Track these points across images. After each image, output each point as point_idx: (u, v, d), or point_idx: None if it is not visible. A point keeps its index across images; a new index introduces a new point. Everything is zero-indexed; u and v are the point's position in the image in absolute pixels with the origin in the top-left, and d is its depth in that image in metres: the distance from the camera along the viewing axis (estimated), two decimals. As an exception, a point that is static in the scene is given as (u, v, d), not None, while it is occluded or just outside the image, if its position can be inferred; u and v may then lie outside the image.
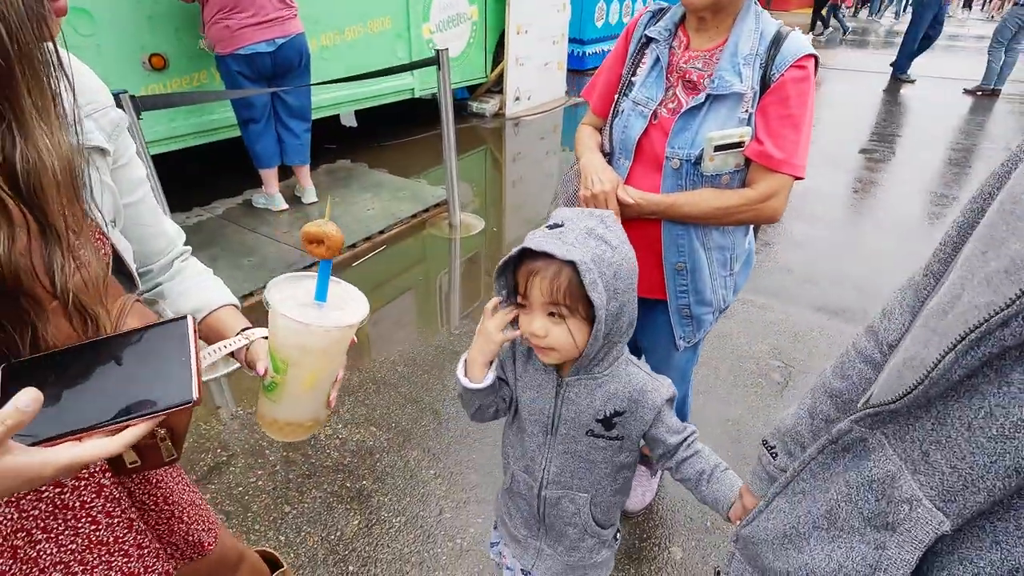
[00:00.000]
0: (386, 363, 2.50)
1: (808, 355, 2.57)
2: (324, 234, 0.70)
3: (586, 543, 1.12)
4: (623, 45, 1.39)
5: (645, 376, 0.99)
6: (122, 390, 0.54)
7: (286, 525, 1.78)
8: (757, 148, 1.18)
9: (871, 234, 3.83)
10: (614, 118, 1.35)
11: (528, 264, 0.90)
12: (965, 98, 7.35)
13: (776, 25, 1.20)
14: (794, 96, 1.16)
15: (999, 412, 0.45)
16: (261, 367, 0.73)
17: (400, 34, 4.60)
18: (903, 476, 0.52)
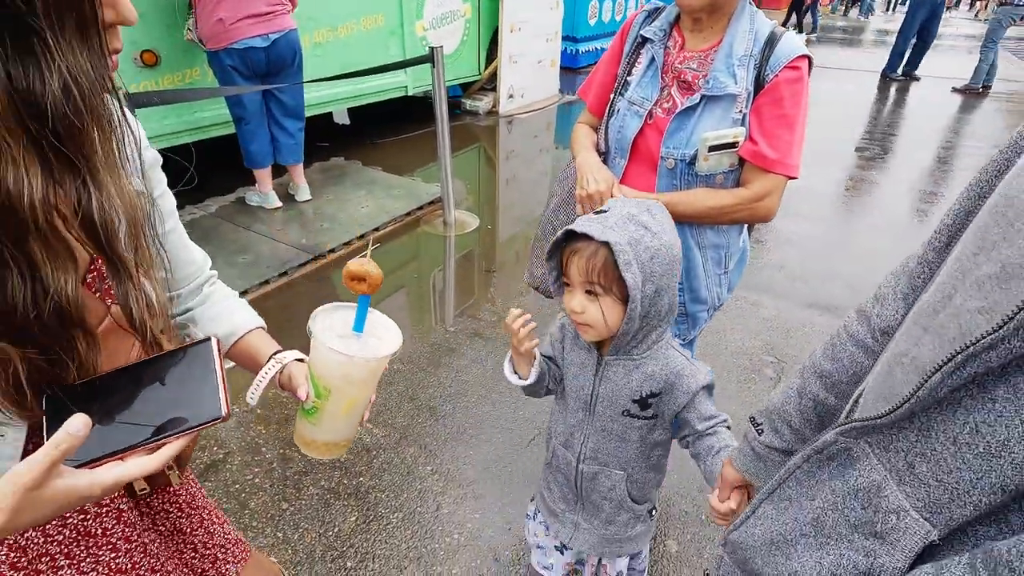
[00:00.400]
0: (382, 360, 2.50)
1: (800, 351, 2.60)
2: (366, 273, 0.77)
3: (621, 517, 1.17)
4: (619, 44, 1.40)
5: (684, 361, 1.04)
6: (157, 410, 0.57)
7: (284, 522, 1.78)
8: (751, 148, 1.19)
9: (862, 232, 3.87)
10: (610, 117, 1.35)
11: (571, 245, 0.98)
12: (954, 97, 7.43)
13: (770, 26, 1.21)
14: (788, 97, 1.17)
15: (984, 429, 0.45)
16: (302, 393, 0.77)
17: (393, 31, 4.59)
18: (889, 486, 0.53)
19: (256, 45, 3.05)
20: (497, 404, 2.27)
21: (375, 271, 0.77)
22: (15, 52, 0.44)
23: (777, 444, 0.81)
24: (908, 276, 0.68)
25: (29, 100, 0.45)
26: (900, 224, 3.97)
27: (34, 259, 0.49)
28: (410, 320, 2.84)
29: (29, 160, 0.46)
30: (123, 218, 0.55)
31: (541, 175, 4.59)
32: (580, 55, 7.65)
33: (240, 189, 3.90)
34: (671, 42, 1.29)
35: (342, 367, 0.75)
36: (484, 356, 2.53)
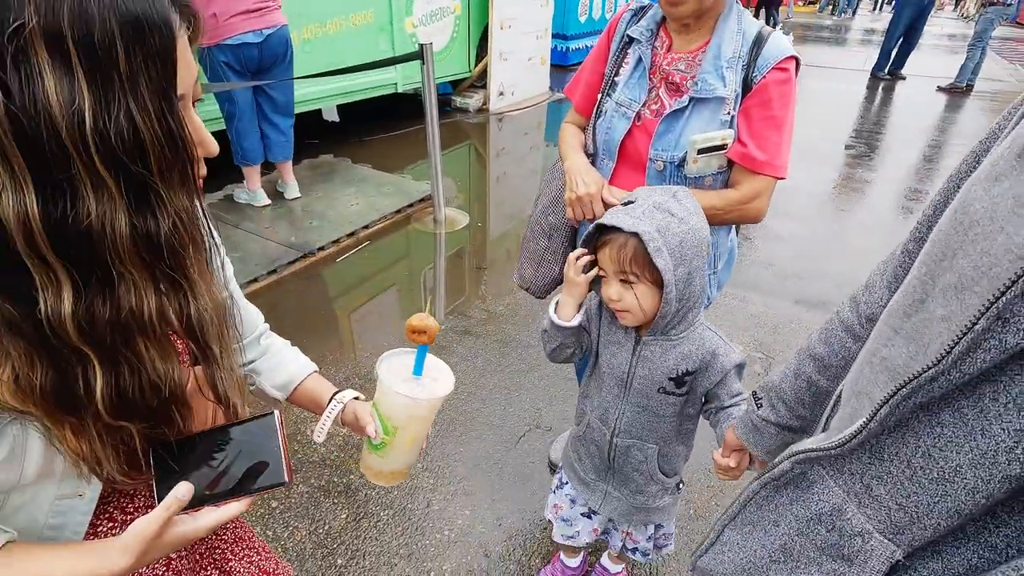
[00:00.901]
0: (372, 358, 2.50)
1: (787, 346, 2.63)
2: (426, 326, 0.87)
3: (651, 488, 1.23)
4: (605, 43, 1.39)
5: (719, 340, 1.08)
6: (235, 469, 0.69)
7: (273, 520, 1.78)
8: (740, 150, 1.19)
9: (850, 229, 3.91)
10: (597, 118, 1.35)
11: (602, 238, 1.04)
12: (939, 95, 7.52)
13: (758, 26, 1.22)
14: (776, 98, 1.17)
15: (936, 454, 0.47)
16: (371, 430, 0.88)
17: (383, 28, 4.56)
18: (850, 509, 0.54)
19: (250, 41, 3.03)
20: (487, 401, 2.28)
21: (433, 324, 0.87)
22: (137, 204, 0.53)
23: (772, 418, 0.86)
24: (894, 265, 0.70)
25: (148, 239, 0.54)
26: (887, 222, 4.02)
27: (142, 356, 0.58)
28: (400, 318, 2.83)
29: (145, 284, 0.55)
30: (215, 317, 0.65)
31: (532, 172, 4.59)
32: (570, 52, 7.66)
33: (228, 186, 3.87)
34: (658, 42, 1.28)
35: (408, 408, 0.86)
36: (474, 354, 2.54)
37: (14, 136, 0.45)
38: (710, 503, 1.88)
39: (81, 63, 0.46)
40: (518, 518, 1.83)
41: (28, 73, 0.45)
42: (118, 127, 0.49)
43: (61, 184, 0.48)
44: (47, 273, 0.50)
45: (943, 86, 7.66)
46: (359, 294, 3.01)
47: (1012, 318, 0.41)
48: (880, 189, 4.54)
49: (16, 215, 0.47)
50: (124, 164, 0.50)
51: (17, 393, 0.53)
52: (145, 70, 0.50)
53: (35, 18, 0.44)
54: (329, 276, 3.14)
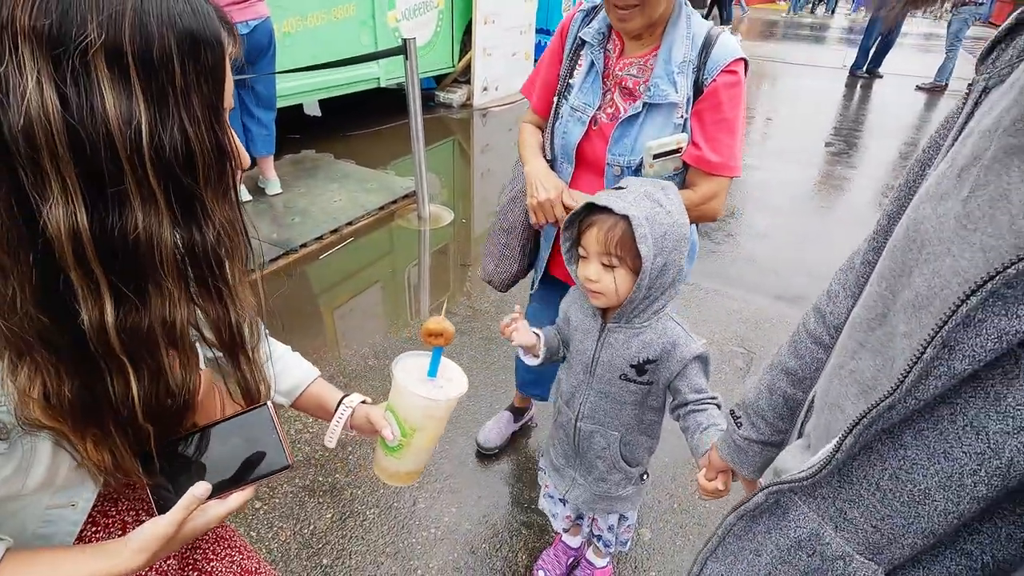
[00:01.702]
0: (356, 356, 2.48)
1: (769, 341, 2.67)
2: (443, 329, 0.91)
3: (614, 476, 1.26)
4: (558, 44, 1.38)
5: (681, 331, 1.10)
6: (238, 460, 0.71)
7: (257, 521, 1.76)
8: (695, 153, 1.23)
9: (830, 225, 3.97)
10: (555, 120, 1.36)
11: (590, 217, 1.05)
12: (917, 94, 7.66)
13: (706, 27, 1.24)
14: (726, 101, 1.20)
15: (904, 476, 0.48)
16: (388, 433, 0.89)
17: (365, 21, 4.51)
18: (827, 533, 0.55)
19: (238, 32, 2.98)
20: (473, 398, 2.27)
21: (450, 328, 0.92)
22: (183, 215, 0.54)
23: (755, 436, 0.85)
24: (855, 274, 0.71)
25: (192, 249, 0.56)
26: (866, 218, 4.08)
27: (164, 364, 0.59)
28: (384, 315, 2.82)
29: (180, 294, 0.56)
30: (252, 322, 0.66)
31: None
32: (554, 48, 7.63)
33: (208, 182, 3.80)
34: (611, 45, 1.28)
35: (426, 409, 0.88)
36: (459, 351, 2.53)
37: (70, 148, 0.45)
38: (693, 497, 1.91)
39: (139, 78, 0.47)
40: (504, 515, 1.83)
41: (88, 87, 0.45)
42: (172, 140, 0.50)
43: (112, 196, 0.49)
44: (90, 284, 0.50)
45: (923, 85, 7.80)
46: (342, 291, 2.99)
47: (957, 345, 0.41)
48: (859, 186, 4.62)
49: (67, 227, 0.47)
50: (175, 176, 0.51)
51: (47, 409, 0.53)
52: (198, 85, 0.51)
53: (98, 34, 0.45)
54: (312, 273, 3.11)
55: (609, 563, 1.62)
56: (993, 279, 0.39)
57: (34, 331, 0.50)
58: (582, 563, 1.63)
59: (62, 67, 0.45)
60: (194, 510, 0.64)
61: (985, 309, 0.40)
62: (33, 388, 0.51)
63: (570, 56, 1.34)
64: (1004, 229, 0.42)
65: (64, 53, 0.44)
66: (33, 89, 0.44)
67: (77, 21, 0.45)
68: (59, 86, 0.45)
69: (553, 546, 1.67)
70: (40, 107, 0.44)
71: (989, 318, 0.40)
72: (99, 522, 0.73)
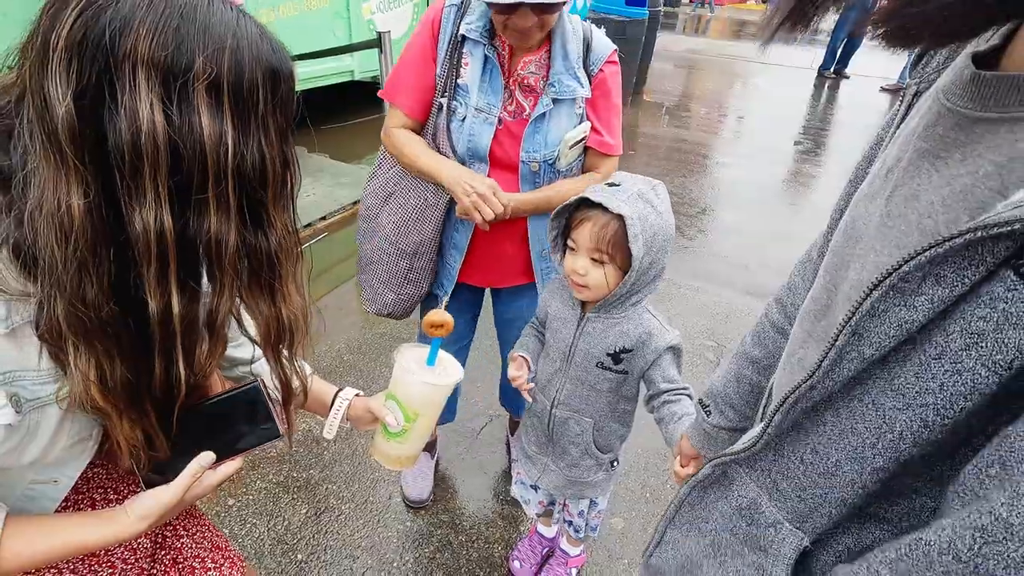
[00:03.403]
0: (331, 351, 2.46)
1: (738, 334, 2.73)
2: (444, 321, 0.98)
3: (585, 463, 1.29)
4: (430, 41, 1.29)
5: (656, 323, 1.14)
6: (228, 433, 0.77)
7: (230, 518, 1.74)
8: (598, 139, 1.35)
9: (797, 221, 4.08)
10: (450, 122, 1.30)
11: (584, 212, 1.07)
12: (882, 95, 7.88)
13: (580, 23, 1.31)
14: (613, 88, 1.34)
15: (821, 451, 0.52)
16: (391, 420, 0.95)
17: (339, 13, 4.45)
18: (763, 502, 0.59)
19: None
20: (449, 392, 2.28)
21: (450, 319, 0.99)
22: (252, 222, 0.61)
23: (724, 424, 0.89)
24: (812, 266, 0.74)
25: (256, 252, 0.63)
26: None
27: (194, 351, 0.64)
28: (359, 311, 2.80)
29: (231, 290, 0.62)
30: (302, 320, 0.71)
31: (492, 164, 4.57)
32: (530, 44, 7.63)
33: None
34: (498, 42, 1.26)
35: (430, 395, 0.96)
36: (436, 345, 2.53)
37: (169, 160, 0.52)
38: (665, 486, 1.95)
39: (231, 105, 0.55)
40: (480, 507, 1.85)
41: (189, 110, 0.53)
42: (251, 158, 0.58)
43: (195, 203, 0.56)
44: (162, 279, 0.56)
45: (886, 87, 8.02)
46: (317, 286, 2.96)
47: (865, 333, 0.45)
48: (825, 184, 4.75)
49: (155, 228, 0.54)
50: (250, 188, 0.59)
51: (103, 392, 0.59)
52: (275, 113, 0.60)
53: (203, 67, 0.53)
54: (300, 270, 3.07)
55: (583, 551, 1.65)
56: (891, 275, 0.42)
57: (102, 319, 0.56)
58: (556, 552, 1.66)
59: (171, 92, 0.52)
60: (199, 477, 0.71)
61: (887, 300, 0.43)
62: (91, 371, 0.57)
63: (449, 54, 1.27)
64: (913, 227, 0.45)
65: (174, 81, 0.52)
66: (145, 109, 0.51)
67: (187, 55, 0.52)
68: (167, 107, 0.52)
69: (528, 537, 1.69)
70: (151, 124, 0.51)
71: (891, 308, 0.43)
72: (69, 498, 0.76)
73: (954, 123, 0.46)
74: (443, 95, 1.29)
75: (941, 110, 0.48)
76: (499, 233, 1.35)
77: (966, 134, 0.45)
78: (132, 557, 0.85)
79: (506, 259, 1.46)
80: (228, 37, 0.54)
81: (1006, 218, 0.35)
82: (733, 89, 8.12)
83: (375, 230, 1.47)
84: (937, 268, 0.39)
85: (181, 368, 0.62)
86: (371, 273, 1.51)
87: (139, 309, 0.57)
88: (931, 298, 0.40)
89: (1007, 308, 0.36)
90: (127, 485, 0.87)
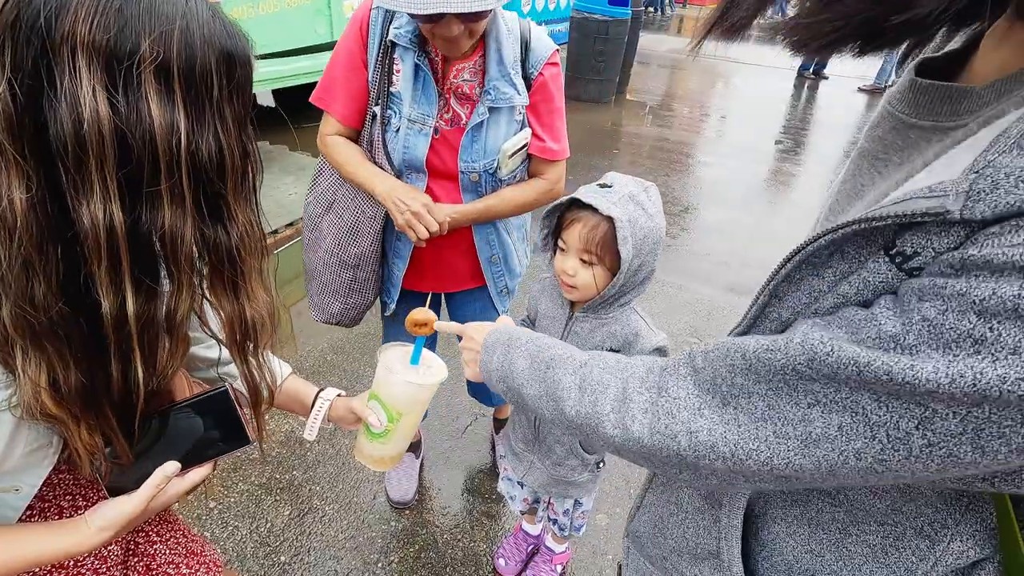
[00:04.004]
0: (314, 352, 2.44)
1: (720, 332, 2.77)
2: (427, 319, 0.97)
3: (570, 462, 1.29)
4: (359, 44, 1.23)
5: (644, 324, 1.14)
6: (195, 440, 0.74)
7: (211, 521, 1.72)
8: (540, 145, 1.30)
9: (778, 219, 4.14)
10: (384, 132, 1.25)
11: (574, 212, 1.05)
12: (860, 96, 8.02)
13: (516, 22, 1.24)
14: (555, 91, 1.28)
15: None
16: (374, 420, 0.94)
17: (320, 10, 4.40)
18: None
19: None
20: (433, 392, 2.28)
21: (433, 317, 0.97)
22: (211, 216, 0.58)
23: None
24: None
25: (216, 248, 0.60)
26: (813, 212, 4.27)
27: (154, 352, 0.61)
28: (343, 310, 2.78)
29: (189, 287, 0.59)
30: (266, 319, 0.69)
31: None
32: (514, 43, 7.62)
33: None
34: (429, 47, 1.20)
35: (414, 394, 0.94)
36: (420, 344, 2.52)
37: (116, 151, 0.50)
38: (649, 482, 1.97)
39: (182, 91, 0.52)
40: (465, 506, 1.85)
41: (137, 97, 0.50)
42: (207, 147, 0.55)
43: (147, 196, 0.53)
44: (115, 276, 0.53)
45: (864, 87, 8.16)
46: (299, 286, 2.92)
47: (784, 296, 0.50)
48: (805, 182, 4.82)
49: (104, 223, 0.51)
50: (206, 180, 0.56)
51: (55, 398, 0.56)
52: (231, 99, 0.57)
53: (150, 51, 0.50)
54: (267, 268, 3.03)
55: (567, 548, 1.66)
56: (804, 247, 0.47)
57: (52, 320, 0.53)
58: (541, 549, 1.66)
59: (115, 78, 0.49)
60: (163, 487, 0.68)
61: (801, 270, 0.49)
62: (42, 376, 0.54)
63: (379, 60, 1.21)
64: (841, 217, 0.50)
65: (118, 65, 0.49)
66: (88, 96, 0.48)
67: (132, 38, 0.49)
68: (111, 94, 0.49)
69: (513, 534, 1.70)
70: (94, 113, 0.48)
71: (805, 278, 0.49)
72: (35, 506, 0.73)
73: (891, 127, 0.49)
74: (376, 103, 1.24)
75: (884, 112, 0.51)
76: (443, 242, 1.31)
77: (902, 139, 0.48)
78: (103, 566, 0.83)
79: (453, 266, 1.44)
80: (177, 19, 0.51)
81: (881, 213, 0.41)
82: (715, 89, 8.21)
83: (318, 240, 1.42)
84: (842, 246, 0.45)
85: (139, 371, 0.59)
86: (317, 283, 1.48)
87: (92, 309, 0.55)
88: (836, 271, 0.46)
89: (867, 276, 0.43)
90: (97, 492, 0.82)
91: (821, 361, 0.42)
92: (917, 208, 0.38)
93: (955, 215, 0.37)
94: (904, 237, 0.41)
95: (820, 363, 0.42)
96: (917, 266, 0.40)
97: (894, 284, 0.42)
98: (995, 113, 0.40)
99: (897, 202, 0.40)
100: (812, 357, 0.42)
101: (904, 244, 0.41)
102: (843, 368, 0.41)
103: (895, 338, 0.39)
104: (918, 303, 0.38)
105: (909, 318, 0.39)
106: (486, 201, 1.30)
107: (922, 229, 0.40)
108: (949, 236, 0.38)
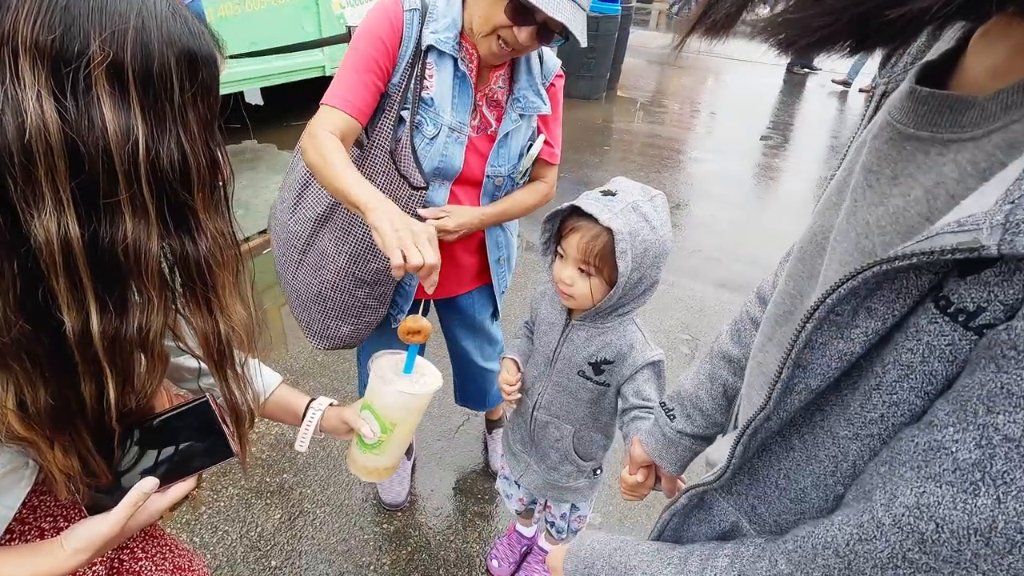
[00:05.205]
0: (303, 353, 2.42)
1: (713, 327, 2.77)
2: (420, 327, 0.94)
3: (565, 467, 1.29)
4: (393, 41, 1.16)
5: (641, 337, 1.11)
6: (176, 454, 0.72)
7: (200, 526, 1.70)
8: (549, 151, 1.40)
9: (769, 214, 4.15)
10: (413, 138, 1.19)
11: (575, 220, 1.02)
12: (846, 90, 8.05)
13: None
14: (561, 101, 1.39)
15: (792, 475, 0.51)
16: (367, 431, 0.91)
17: (308, 7, 4.35)
18: (744, 525, 0.59)
19: None
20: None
21: (428, 326, 0.94)
22: (176, 227, 0.55)
23: (689, 430, 0.84)
24: None
25: (184, 261, 0.57)
26: (802, 207, 4.29)
27: (130, 368, 0.58)
28: (333, 310, 2.75)
29: (159, 303, 0.56)
30: (242, 334, 0.66)
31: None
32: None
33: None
34: (464, 54, 1.19)
35: (407, 404, 0.92)
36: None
37: (67, 161, 0.46)
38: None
39: (139, 94, 0.49)
40: (458, 506, 1.84)
41: (87, 102, 0.47)
42: (168, 154, 0.52)
43: (104, 208, 0.50)
44: (76, 293, 0.50)
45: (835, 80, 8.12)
46: (289, 287, 2.90)
47: (808, 365, 0.45)
48: (792, 177, 4.84)
49: (59, 237, 0.47)
50: (169, 189, 0.53)
51: (23, 419, 0.53)
52: (194, 102, 0.53)
53: (100, 51, 0.46)
54: (256, 268, 3.00)
55: (561, 548, 1.65)
56: (818, 308, 0.41)
57: (14, 339, 0.50)
58: (535, 550, 1.66)
59: (63, 81, 0.45)
60: (141, 506, 0.65)
61: (823, 333, 0.43)
62: (8, 398, 0.51)
63: (411, 63, 1.17)
64: (853, 246, 0.45)
65: (66, 68, 0.45)
66: (32, 102, 0.44)
67: (80, 37, 0.45)
68: (59, 100, 0.45)
69: (507, 535, 1.69)
70: (39, 120, 0.44)
71: (829, 341, 0.43)
72: (14, 529, 0.71)
73: (889, 137, 0.45)
74: (404, 107, 1.19)
75: (883, 121, 0.47)
76: (458, 245, 1.34)
77: (897, 151, 0.44)
78: None
79: (462, 269, 1.46)
80: (131, 17, 0.47)
81: (903, 252, 0.35)
82: (706, 85, 8.22)
83: (321, 262, 1.32)
84: (867, 301, 0.40)
85: (111, 391, 0.56)
86: (319, 308, 1.37)
87: (56, 327, 0.52)
88: (865, 331, 0.40)
89: (930, 341, 0.37)
90: (79, 513, 0.80)
91: (933, 541, 0.34)
92: (946, 244, 0.33)
93: (991, 250, 0.32)
94: (951, 286, 0.35)
95: (933, 544, 0.34)
96: (988, 323, 0.34)
97: (964, 348, 0.36)
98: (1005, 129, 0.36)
99: (921, 239, 0.35)
100: (920, 540, 0.35)
101: (957, 297, 0.35)
102: (965, 543, 0.33)
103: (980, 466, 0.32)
104: (987, 415, 0.32)
105: (986, 438, 0.32)
106: (502, 204, 1.36)
107: (978, 281, 0.34)
108: (1013, 285, 0.32)
